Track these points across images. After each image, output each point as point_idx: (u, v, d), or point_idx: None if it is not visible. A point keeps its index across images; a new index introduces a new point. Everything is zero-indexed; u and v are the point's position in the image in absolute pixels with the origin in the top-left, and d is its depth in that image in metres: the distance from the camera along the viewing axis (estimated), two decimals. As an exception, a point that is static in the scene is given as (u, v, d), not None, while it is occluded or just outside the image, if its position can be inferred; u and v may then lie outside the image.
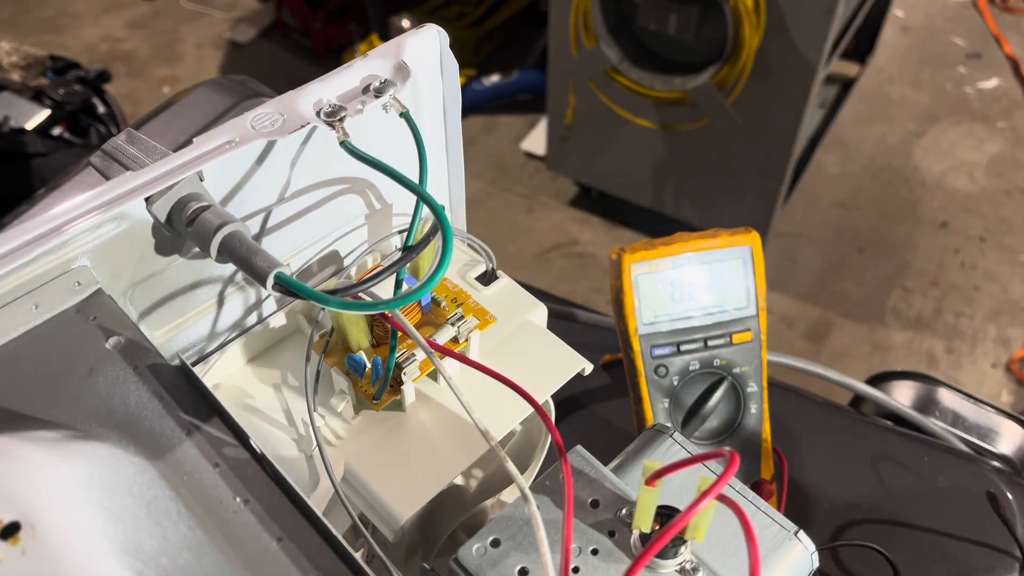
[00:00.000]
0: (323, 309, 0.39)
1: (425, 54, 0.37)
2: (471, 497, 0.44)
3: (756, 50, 1.38)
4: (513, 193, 1.93)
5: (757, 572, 0.24)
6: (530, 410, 0.39)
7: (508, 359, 0.41)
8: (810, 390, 0.61)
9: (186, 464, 0.29)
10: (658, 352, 0.52)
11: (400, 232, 0.44)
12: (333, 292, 0.29)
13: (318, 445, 0.35)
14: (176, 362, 0.33)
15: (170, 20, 2.46)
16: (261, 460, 0.30)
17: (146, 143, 0.33)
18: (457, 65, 0.38)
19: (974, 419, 0.58)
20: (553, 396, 0.42)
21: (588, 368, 0.41)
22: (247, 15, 2.46)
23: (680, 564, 0.30)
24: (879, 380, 0.65)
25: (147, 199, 0.32)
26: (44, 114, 1.08)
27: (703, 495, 0.25)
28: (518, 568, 0.30)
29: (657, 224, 1.79)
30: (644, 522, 0.30)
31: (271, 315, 0.41)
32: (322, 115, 0.34)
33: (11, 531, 0.25)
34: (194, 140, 0.32)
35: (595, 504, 0.32)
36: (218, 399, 0.31)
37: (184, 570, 0.27)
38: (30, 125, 1.05)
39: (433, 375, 0.39)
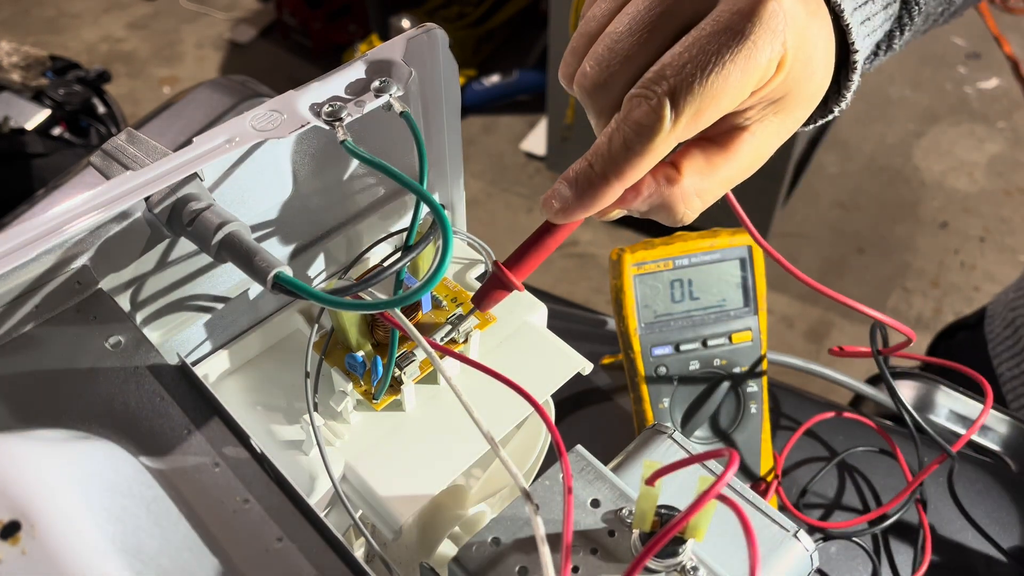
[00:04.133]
0: (323, 309, 0.39)
1: (425, 54, 0.37)
2: (471, 497, 0.44)
3: (756, 50, 1.38)
4: (513, 193, 1.93)
5: (756, 572, 0.24)
6: (530, 410, 0.39)
7: (508, 359, 0.41)
8: (810, 390, 0.61)
9: (186, 464, 0.29)
10: (658, 352, 0.52)
11: (400, 232, 0.44)
12: (333, 292, 0.29)
13: (318, 445, 0.35)
14: (176, 362, 0.33)
15: (170, 20, 2.46)
16: (261, 460, 0.30)
17: (146, 143, 0.33)
18: (457, 65, 0.38)
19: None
20: (553, 396, 0.42)
21: (588, 368, 0.41)
22: (247, 15, 2.47)
23: (680, 564, 0.30)
24: (879, 380, 0.65)
25: (147, 199, 0.32)
26: (44, 114, 1.07)
27: (703, 495, 0.25)
28: (518, 567, 0.30)
29: (657, 224, 1.78)
30: (644, 522, 0.30)
31: (271, 315, 0.41)
32: (322, 115, 0.34)
33: (11, 531, 0.25)
34: (194, 140, 0.32)
35: (595, 504, 0.32)
36: (218, 399, 0.31)
37: (184, 570, 0.27)
38: (30, 125, 1.05)
39: (433, 375, 0.39)
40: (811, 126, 0.38)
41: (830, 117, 0.38)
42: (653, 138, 0.29)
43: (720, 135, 0.33)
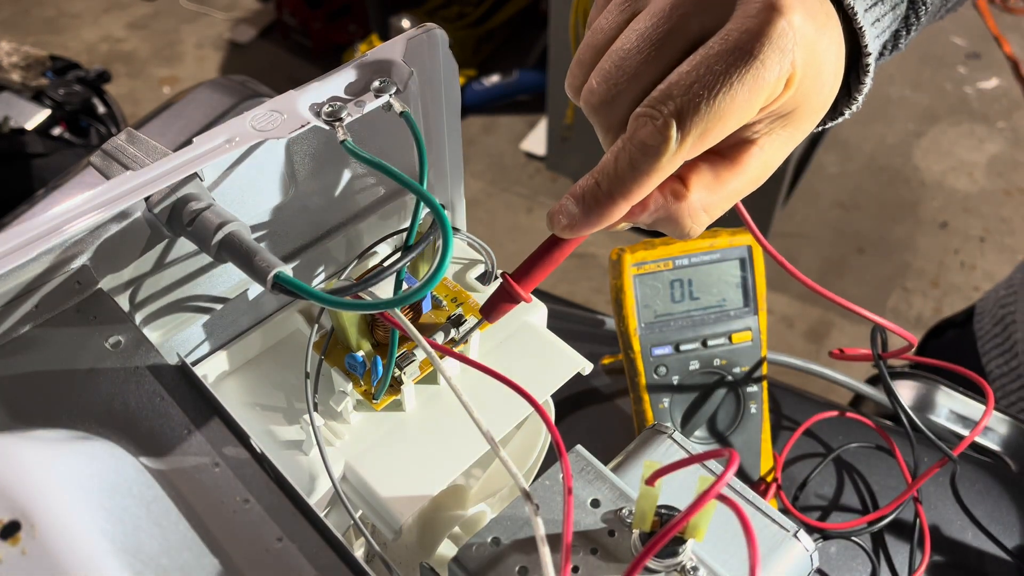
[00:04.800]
0: (323, 309, 0.39)
1: (425, 54, 0.37)
2: (471, 497, 0.44)
3: (756, 50, 1.38)
4: (513, 193, 1.93)
5: (756, 572, 0.24)
6: (530, 410, 0.39)
7: (508, 359, 0.41)
8: (810, 390, 0.61)
9: (186, 464, 0.29)
10: (658, 352, 0.52)
11: (400, 232, 0.44)
12: (333, 292, 0.29)
13: (318, 445, 0.35)
14: (176, 362, 0.33)
15: (170, 20, 2.46)
16: (261, 460, 0.30)
17: (146, 143, 0.33)
18: (457, 65, 0.38)
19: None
20: (553, 396, 0.42)
21: (588, 368, 0.41)
22: (247, 15, 2.47)
23: (680, 564, 0.30)
24: (879, 380, 0.65)
25: (147, 199, 0.32)
26: (44, 114, 1.07)
27: (703, 495, 0.25)
28: (518, 567, 0.30)
29: (658, 224, 1.79)
30: (644, 522, 0.30)
31: (271, 315, 0.41)
32: (322, 115, 0.34)
33: (11, 531, 0.25)
34: (194, 140, 0.32)
35: (595, 504, 0.32)
36: (218, 399, 0.31)
37: (184, 570, 0.27)
38: (30, 125, 1.05)
39: (433, 375, 0.39)
40: (820, 128, 0.38)
41: (840, 120, 0.37)
42: (659, 158, 0.29)
43: (728, 148, 0.33)
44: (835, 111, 0.37)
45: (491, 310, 0.36)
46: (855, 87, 0.36)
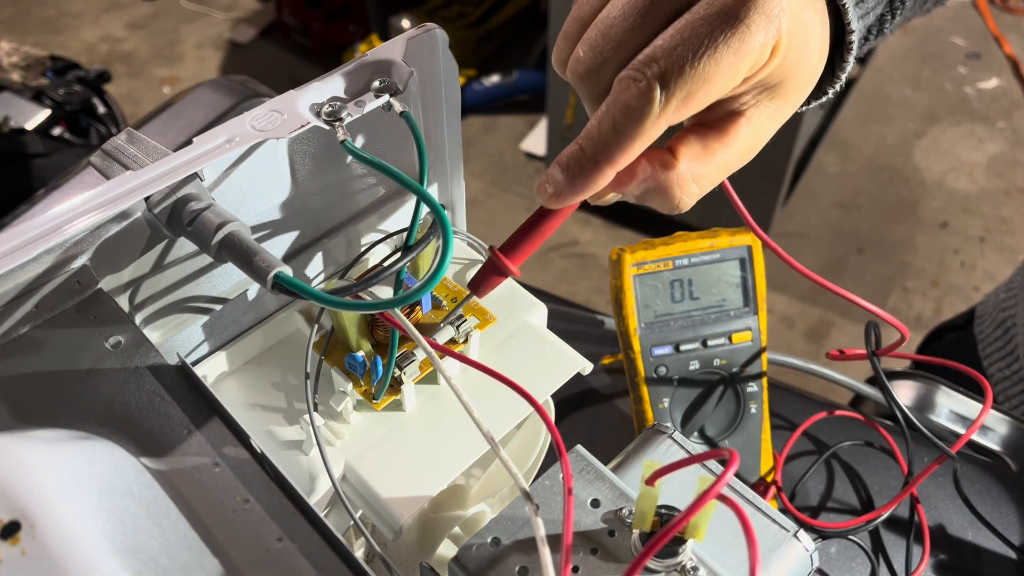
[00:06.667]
0: (323, 309, 0.39)
1: (425, 54, 0.37)
2: (471, 497, 0.44)
3: (756, 50, 1.38)
4: (513, 193, 1.93)
5: (756, 572, 0.24)
6: (530, 410, 0.39)
7: (508, 359, 0.41)
8: (810, 390, 0.61)
9: (186, 464, 0.29)
10: (658, 352, 0.52)
11: (400, 232, 0.44)
12: (333, 292, 0.29)
13: (318, 445, 0.35)
14: (176, 362, 0.33)
15: (170, 20, 2.46)
16: (261, 460, 0.30)
17: (146, 143, 0.33)
18: (457, 65, 0.38)
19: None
20: (553, 396, 0.42)
21: (588, 368, 0.41)
22: (247, 15, 2.47)
23: (680, 564, 0.30)
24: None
25: (147, 199, 0.32)
26: (44, 114, 1.07)
27: (703, 495, 0.25)
28: (518, 567, 0.30)
29: (657, 224, 1.79)
30: (644, 522, 0.30)
31: (271, 315, 0.41)
32: (322, 115, 0.34)
33: (11, 531, 0.25)
34: (194, 140, 0.32)
35: (595, 504, 0.32)
36: (218, 399, 0.31)
37: (184, 570, 0.27)
38: (30, 125, 1.05)
39: (433, 375, 0.39)
40: (805, 108, 0.38)
41: (824, 99, 0.38)
42: (643, 121, 0.29)
43: (716, 120, 0.33)
44: (819, 90, 0.37)
45: (479, 284, 0.36)
46: (839, 66, 0.36)
